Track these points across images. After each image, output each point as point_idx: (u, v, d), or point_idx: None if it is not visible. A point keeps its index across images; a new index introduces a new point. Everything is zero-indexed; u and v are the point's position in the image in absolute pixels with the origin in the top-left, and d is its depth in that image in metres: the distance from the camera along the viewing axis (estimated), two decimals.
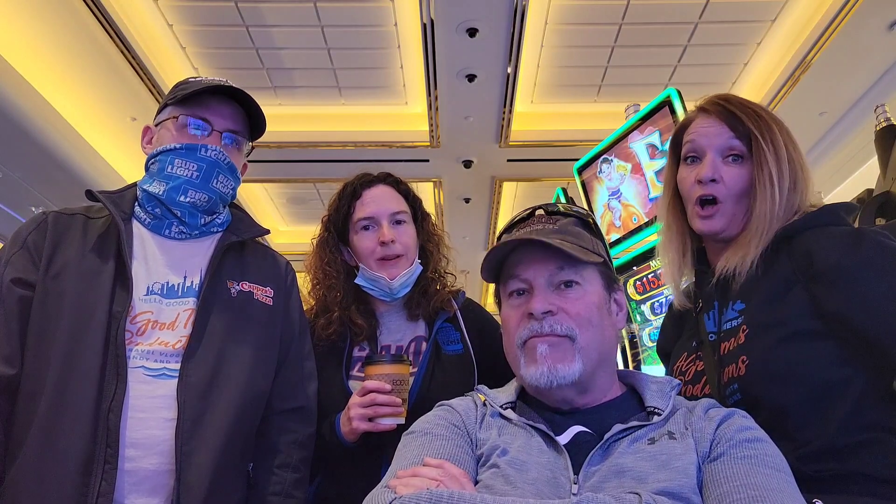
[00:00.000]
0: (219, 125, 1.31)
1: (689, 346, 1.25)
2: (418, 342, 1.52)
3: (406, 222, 1.55)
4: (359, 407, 1.30)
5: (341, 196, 1.58)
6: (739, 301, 1.15)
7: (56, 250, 1.22)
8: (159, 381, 1.17)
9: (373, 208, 1.53)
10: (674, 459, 0.89)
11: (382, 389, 1.28)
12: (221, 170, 1.29)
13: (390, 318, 1.56)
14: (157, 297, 1.23)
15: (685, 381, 1.21)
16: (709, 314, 1.21)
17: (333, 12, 3.93)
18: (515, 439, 0.97)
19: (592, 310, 1.02)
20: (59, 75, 4.20)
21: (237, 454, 1.23)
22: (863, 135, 4.11)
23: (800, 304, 1.06)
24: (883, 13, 3.76)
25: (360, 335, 1.52)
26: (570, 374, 0.98)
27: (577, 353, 0.99)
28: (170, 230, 1.30)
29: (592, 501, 0.78)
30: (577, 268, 1.03)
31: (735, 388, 1.09)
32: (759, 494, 0.81)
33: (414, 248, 1.55)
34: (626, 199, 2.96)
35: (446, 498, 0.81)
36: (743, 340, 1.10)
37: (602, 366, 1.03)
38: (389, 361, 1.31)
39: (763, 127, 1.17)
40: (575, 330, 1.00)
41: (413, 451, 0.97)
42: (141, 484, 1.13)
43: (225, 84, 1.31)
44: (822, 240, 1.08)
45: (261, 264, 1.40)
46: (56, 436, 1.10)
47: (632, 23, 4.07)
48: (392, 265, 1.50)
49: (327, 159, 5.27)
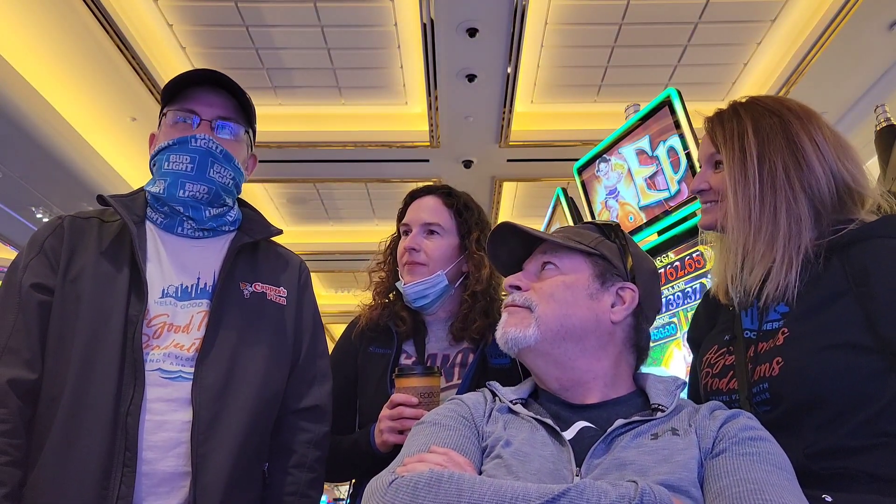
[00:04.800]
0: (207, 114, 1.30)
1: (721, 339, 1.23)
2: (465, 353, 1.52)
3: (440, 234, 1.54)
4: (388, 420, 1.30)
5: (404, 201, 1.66)
6: (783, 304, 1.12)
7: (73, 255, 1.22)
8: (176, 384, 1.17)
9: (411, 216, 1.58)
10: (676, 454, 0.91)
11: (409, 402, 1.28)
12: (216, 158, 1.28)
13: (437, 329, 1.57)
14: (171, 299, 1.24)
15: (711, 374, 1.20)
16: (748, 311, 1.19)
17: (333, 12, 3.93)
18: (520, 432, 0.99)
19: (558, 287, 1.08)
20: (59, 75, 4.20)
21: (252, 455, 1.24)
22: (863, 135, 4.11)
23: (849, 316, 1.03)
24: (883, 13, 3.77)
25: (403, 327, 1.53)
26: (522, 338, 1.05)
27: (533, 322, 1.06)
28: (182, 227, 1.30)
29: (590, 486, 0.79)
30: (557, 254, 1.12)
31: (765, 387, 1.07)
32: (758, 489, 0.82)
33: (441, 260, 1.53)
34: (623, 198, 2.97)
35: (446, 478, 0.82)
36: (781, 342, 1.08)
37: (570, 341, 1.05)
38: (419, 374, 1.31)
39: (727, 134, 1.18)
40: (532, 301, 1.08)
41: (421, 439, 0.98)
42: (159, 486, 1.13)
43: (206, 70, 1.31)
44: (882, 257, 1.04)
45: (274, 264, 1.40)
46: (75, 440, 1.10)
47: (632, 23, 4.07)
48: (409, 272, 1.52)
49: (327, 159, 5.28)
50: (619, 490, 0.78)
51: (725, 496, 0.83)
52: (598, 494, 0.77)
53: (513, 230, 1.14)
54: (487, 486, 0.81)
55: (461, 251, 1.56)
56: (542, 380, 1.09)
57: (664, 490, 0.79)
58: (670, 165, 2.70)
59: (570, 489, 0.78)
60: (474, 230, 1.57)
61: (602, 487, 0.79)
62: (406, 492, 0.83)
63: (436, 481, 0.82)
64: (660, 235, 2.78)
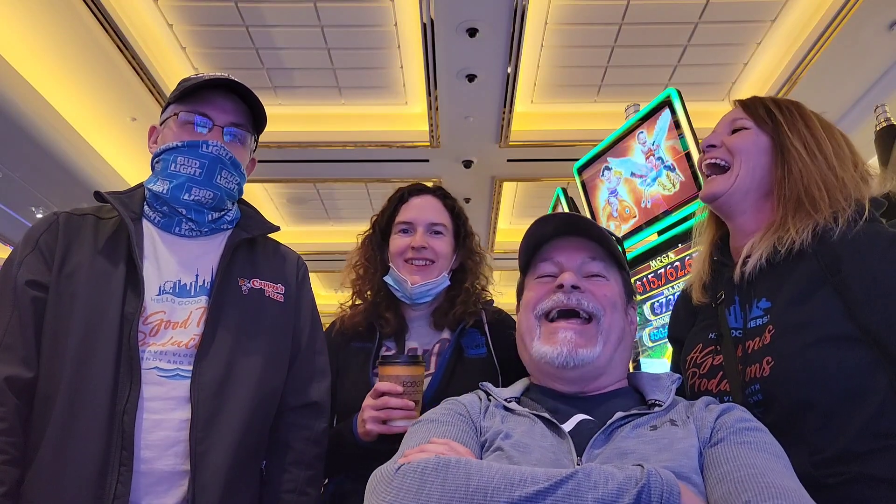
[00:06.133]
0: (220, 120, 1.30)
1: (705, 337, 1.22)
2: (443, 344, 1.54)
3: (443, 234, 1.59)
4: (371, 409, 1.30)
5: (391, 199, 1.65)
6: (765, 299, 1.12)
7: (68, 251, 1.21)
8: (173, 382, 1.17)
9: (413, 214, 1.59)
10: (676, 442, 0.92)
11: (394, 391, 1.27)
12: (224, 165, 1.28)
13: (419, 323, 1.58)
14: (169, 296, 1.23)
15: (699, 375, 1.20)
16: (730, 309, 1.19)
17: (333, 12, 3.93)
18: (519, 426, 1.00)
19: (617, 297, 1.10)
20: (59, 75, 4.20)
21: (251, 452, 1.23)
22: (863, 135, 4.11)
23: (828, 307, 1.03)
24: (883, 13, 3.76)
25: (387, 328, 1.54)
26: (589, 355, 1.04)
27: (599, 336, 1.06)
28: (180, 227, 1.30)
29: (596, 470, 0.79)
30: (606, 264, 1.12)
31: (757, 388, 1.07)
32: (759, 472, 0.83)
33: (446, 259, 1.58)
34: (621, 195, 3.02)
35: (454, 463, 0.82)
36: (769, 341, 1.08)
37: (618, 354, 1.09)
38: (403, 363, 1.30)
39: (783, 107, 1.21)
40: (601, 310, 1.07)
41: (420, 436, 0.98)
42: (156, 485, 1.13)
43: (224, 78, 1.30)
44: (850, 241, 1.04)
45: (271, 261, 1.39)
46: (71, 438, 1.10)
47: (632, 23, 4.07)
48: (418, 271, 1.54)
49: (327, 159, 5.28)
50: (626, 472, 0.78)
51: (728, 480, 0.84)
52: (605, 477, 0.77)
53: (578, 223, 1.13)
54: (495, 470, 0.81)
55: (455, 250, 1.62)
56: (562, 381, 1.08)
57: (670, 473, 0.79)
58: (666, 168, 2.70)
59: (577, 472, 0.78)
60: (471, 234, 1.65)
61: (609, 470, 0.78)
62: (413, 477, 0.82)
63: (443, 466, 0.82)
64: (660, 235, 2.78)
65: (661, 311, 2.73)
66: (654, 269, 2.77)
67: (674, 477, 0.78)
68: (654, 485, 0.76)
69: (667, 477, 0.77)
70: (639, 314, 2.85)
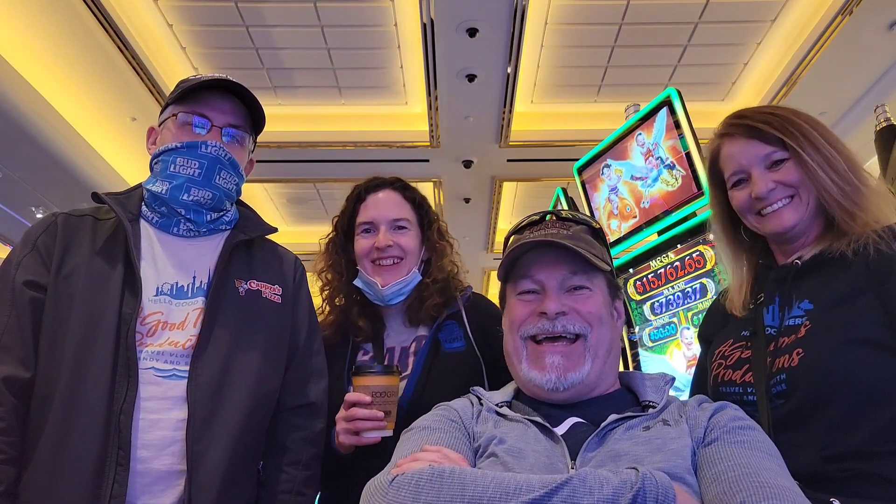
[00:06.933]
0: (218, 121, 1.31)
1: (737, 334, 1.24)
2: (419, 341, 1.51)
3: (408, 229, 1.53)
4: (342, 421, 1.28)
5: (349, 198, 1.59)
6: (807, 300, 1.13)
7: (66, 252, 1.22)
8: (170, 382, 1.17)
9: (373, 213, 1.53)
10: (669, 443, 0.92)
11: (362, 401, 1.24)
12: (223, 166, 1.29)
13: (395, 322, 1.56)
14: (166, 297, 1.24)
15: (725, 366, 1.20)
16: (768, 308, 1.20)
17: (333, 12, 3.93)
18: (512, 430, 1.00)
19: (602, 309, 1.08)
20: (59, 75, 4.20)
21: (248, 453, 1.24)
22: (863, 135, 4.11)
23: (870, 312, 1.05)
24: (883, 13, 3.77)
25: (360, 337, 1.52)
26: (578, 377, 1.04)
27: (587, 353, 1.05)
28: (178, 228, 1.30)
29: (591, 475, 0.79)
30: (588, 274, 1.09)
31: (782, 378, 1.08)
32: (753, 472, 0.84)
33: (414, 254, 1.53)
34: (622, 193, 3.03)
35: (448, 473, 0.82)
36: (802, 335, 1.09)
37: (607, 365, 1.08)
38: (376, 373, 1.27)
39: (786, 123, 1.20)
40: (587, 327, 1.06)
41: (412, 444, 0.98)
42: (153, 485, 1.13)
43: (223, 78, 1.30)
44: None
45: (269, 262, 1.40)
46: (68, 438, 1.10)
47: (632, 23, 4.07)
48: (388, 270, 1.49)
49: (327, 159, 5.28)
50: (621, 476, 0.79)
51: (722, 480, 0.84)
52: (600, 482, 0.78)
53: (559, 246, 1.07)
54: (490, 478, 0.81)
55: (423, 242, 1.56)
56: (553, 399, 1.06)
57: (665, 476, 0.79)
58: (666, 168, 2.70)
59: (572, 478, 0.78)
60: (434, 221, 1.58)
61: (604, 475, 0.79)
62: (409, 489, 0.82)
63: (438, 476, 0.82)
64: (660, 235, 2.78)
65: (661, 311, 2.73)
66: (654, 269, 2.77)
67: (668, 479, 0.79)
68: (650, 488, 0.77)
69: (661, 480, 0.78)
70: (639, 314, 2.85)
